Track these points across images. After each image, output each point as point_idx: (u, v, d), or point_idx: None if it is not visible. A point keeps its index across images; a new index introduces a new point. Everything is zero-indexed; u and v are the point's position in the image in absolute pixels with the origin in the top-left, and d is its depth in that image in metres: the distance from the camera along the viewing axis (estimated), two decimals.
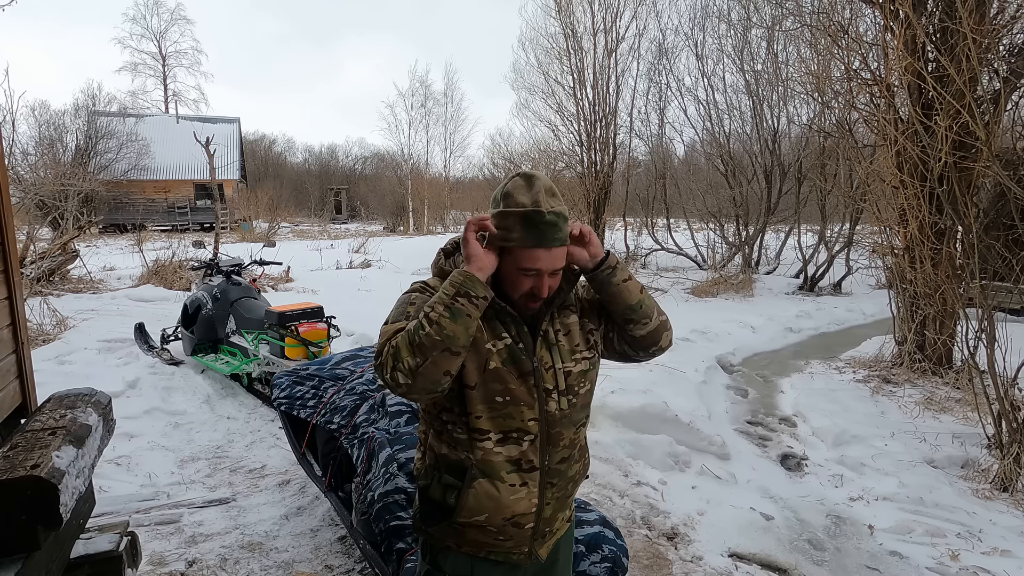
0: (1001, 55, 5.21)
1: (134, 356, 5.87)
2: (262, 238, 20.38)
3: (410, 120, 33.90)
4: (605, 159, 14.69)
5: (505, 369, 1.36)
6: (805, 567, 2.95)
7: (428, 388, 1.26)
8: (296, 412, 3.19)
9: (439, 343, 1.22)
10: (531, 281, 1.35)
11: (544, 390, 1.40)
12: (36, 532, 1.51)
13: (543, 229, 1.30)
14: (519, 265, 1.33)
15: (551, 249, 1.32)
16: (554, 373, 1.41)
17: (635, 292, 1.42)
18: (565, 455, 1.44)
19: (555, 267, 1.35)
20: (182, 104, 39.68)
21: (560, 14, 14.71)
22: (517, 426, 1.38)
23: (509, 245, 1.33)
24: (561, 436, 1.42)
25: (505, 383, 1.36)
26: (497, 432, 1.38)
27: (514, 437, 1.38)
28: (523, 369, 1.38)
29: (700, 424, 4.37)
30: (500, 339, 1.38)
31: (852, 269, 11.67)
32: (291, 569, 2.78)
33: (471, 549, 1.45)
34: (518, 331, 1.40)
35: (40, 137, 19.97)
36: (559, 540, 1.55)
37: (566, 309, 1.49)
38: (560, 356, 1.42)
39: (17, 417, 2.36)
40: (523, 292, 1.36)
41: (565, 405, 1.42)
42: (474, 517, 1.39)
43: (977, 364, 4.40)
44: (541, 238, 1.31)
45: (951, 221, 5.12)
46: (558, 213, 1.32)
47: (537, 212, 1.30)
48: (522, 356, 1.38)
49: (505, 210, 1.33)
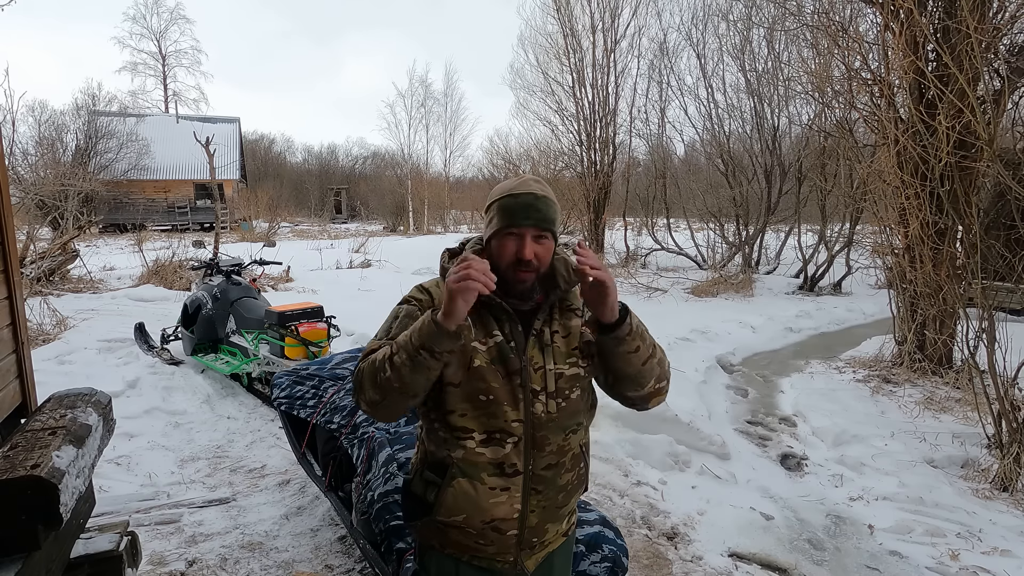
0: (1002, 54, 5.21)
1: (134, 356, 5.87)
2: (262, 238, 20.38)
3: (410, 120, 33.97)
4: (605, 159, 14.70)
5: (490, 368, 1.34)
6: (805, 567, 2.94)
7: (387, 419, 1.35)
8: (296, 412, 3.19)
9: (397, 388, 1.25)
10: (513, 244, 1.33)
11: (531, 391, 1.35)
12: (36, 532, 1.51)
13: (515, 209, 1.32)
14: (502, 237, 1.35)
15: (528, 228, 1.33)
16: (543, 374, 1.37)
17: (637, 363, 1.34)
18: (552, 461, 1.39)
19: (538, 234, 1.34)
20: (182, 104, 39.77)
21: (559, 13, 14.71)
22: (500, 426, 1.34)
23: (491, 232, 1.36)
24: (547, 440, 1.37)
25: (488, 382, 1.33)
26: (481, 432, 1.35)
27: (497, 438, 1.35)
28: (510, 368, 1.35)
29: (700, 424, 4.38)
30: (491, 336, 1.36)
31: (852, 269, 11.66)
32: (291, 569, 2.78)
33: (455, 551, 1.42)
34: (511, 329, 1.37)
35: (40, 137, 19.95)
36: (552, 554, 1.49)
37: (570, 312, 1.44)
38: (553, 357, 1.38)
39: (17, 417, 2.36)
40: (509, 260, 1.33)
41: (553, 408, 1.37)
42: (452, 516, 1.37)
43: (977, 364, 4.40)
44: (513, 217, 1.32)
45: (952, 221, 5.12)
46: (535, 194, 1.33)
47: (510, 195, 1.34)
48: (510, 354, 1.35)
49: (489, 203, 1.39)
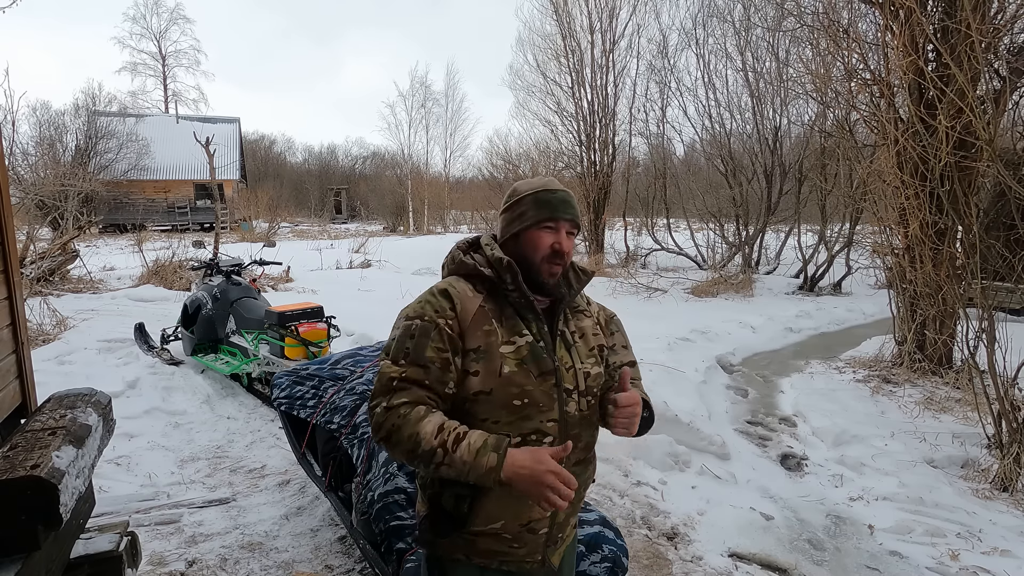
0: (1002, 54, 5.21)
1: (134, 356, 5.87)
2: (262, 238, 20.40)
3: (410, 120, 34.00)
4: (605, 159, 14.70)
5: (522, 370, 1.32)
6: (805, 567, 2.94)
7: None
8: (296, 412, 3.19)
9: (431, 472, 1.26)
10: (551, 236, 1.37)
11: (565, 390, 1.36)
12: (36, 532, 1.50)
13: (555, 203, 1.37)
14: (537, 229, 1.38)
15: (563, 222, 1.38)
16: (575, 373, 1.38)
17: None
18: (581, 457, 1.41)
19: (570, 230, 1.40)
20: (182, 104, 39.78)
21: (557, 14, 14.71)
22: (536, 427, 1.33)
23: (524, 226, 1.38)
24: (579, 438, 1.38)
25: (522, 385, 1.32)
26: (516, 435, 1.32)
27: (533, 440, 1.33)
28: (544, 368, 1.34)
29: (700, 424, 4.37)
30: (521, 336, 1.35)
31: (852, 269, 11.67)
32: (291, 569, 2.78)
33: (483, 560, 1.38)
34: (539, 329, 1.38)
35: (40, 137, 19.99)
36: (567, 546, 1.52)
37: (579, 313, 1.49)
38: (579, 356, 1.41)
39: (17, 417, 2.36)
40: (544, 253, 1.37)
41: (584, 407, 1.39)
42: (490, 524, 1.34)
43: (977, 364, 4.40)
44: (554, 210, 1.36)
45: (951, 221, 5.12)
46: (568, 191, 1.40)
47: (546, 190, 1.38)
48: (543, 354, 1.35)
49: (518, 198, 1.41)
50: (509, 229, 1.41)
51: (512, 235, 1.41)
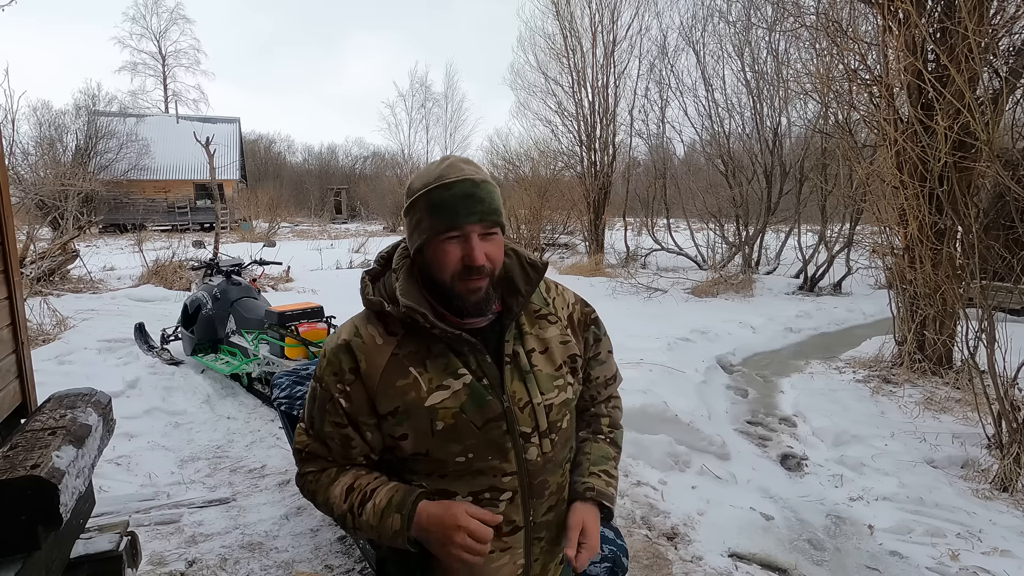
0: (1001, 55, 5.21)
1: (134, 356, 5.87)
2: (262, 238, 20.41)
3: (410, 120, 34.07)
4: (605, 159, 14.71)
5: (462, 421, 1.06)
6: (805, 567, 2.94)
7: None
8: (296, 412, 3.19)
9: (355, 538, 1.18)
10: (457, 248, 1.03)
11: (521, 435, 1.09)
12: (36, 532, 1.51)
13: (452, 204, 1.01)
14: (439, 241, 1.04)
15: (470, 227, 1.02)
16: (532, 411, 1.10)
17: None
18: (552, 503, 1.16)
19: (485, 231, 1.04)
20: (182, 104, 39.83)
21: (558, 14, 14.72)
22: (489, 484, 1.09)
23: (423, 239, 1.05)
24: (546, 484, 1.14)
25: (463, 440, 1.06)
26: (465, 494, 1.09)
27: (487, 498, 1.09)
28: (489, 414, 1.07)
29: (700, 424, 4.38)
30: (457, 377, 1.07)
31: (852, 269, 11.67)
32: (291, 569, 2.78)
33: None
34: (479, 362, 1.08)
35: (40, 137, 20.00)
36: None
37: (541, 319, 1.18)
38: (538, 386, 1.12)
39: (17, 417, 2.36)
40: (454, 269, 1.03)
41: (548, 448, 1.12)
42: None
43: (977, 364, 4.40)
44: (453, 215, 1.01)
45: (951, 221, 5.12)
46: (472, 179, 1.02)
47: (440, 186, 1.02)
48: (487, 396, 1.07)
49: (411, 200, 1.06)
50: (412, 242, 1.09)
51: (417, 249, 1.09)
